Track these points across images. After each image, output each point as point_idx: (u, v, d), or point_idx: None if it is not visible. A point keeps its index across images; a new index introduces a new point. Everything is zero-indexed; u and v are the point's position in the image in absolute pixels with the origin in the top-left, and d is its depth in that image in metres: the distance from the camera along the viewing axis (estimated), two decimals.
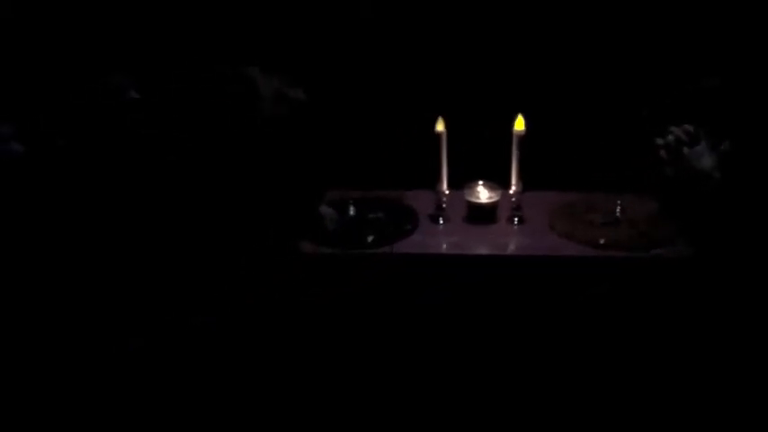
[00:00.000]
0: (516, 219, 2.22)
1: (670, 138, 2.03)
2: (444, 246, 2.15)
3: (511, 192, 2.20)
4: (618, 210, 2.21)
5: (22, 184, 2.02)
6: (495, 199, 2.22)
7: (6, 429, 1.99)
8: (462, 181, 2.24)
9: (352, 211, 2.27)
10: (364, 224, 2.21)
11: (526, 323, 2.10)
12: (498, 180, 2.23)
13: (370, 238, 2.14)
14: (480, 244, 2.14)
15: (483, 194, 2.24)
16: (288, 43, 2.36)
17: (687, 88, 2.24)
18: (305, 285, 2.09)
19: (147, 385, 2.05)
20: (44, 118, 2.07)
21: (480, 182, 2.25)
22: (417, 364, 2.10)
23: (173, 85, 2.15)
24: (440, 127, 2.15)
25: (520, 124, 2.12)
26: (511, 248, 2.13)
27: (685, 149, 2.01)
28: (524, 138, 2.12)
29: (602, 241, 2.09)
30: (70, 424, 2.00)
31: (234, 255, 2.13)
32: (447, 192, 2.21)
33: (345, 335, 2.11)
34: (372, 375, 2.10)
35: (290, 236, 2.13)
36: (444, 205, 2.23)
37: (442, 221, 2.23)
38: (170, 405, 2.04)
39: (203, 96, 2.14)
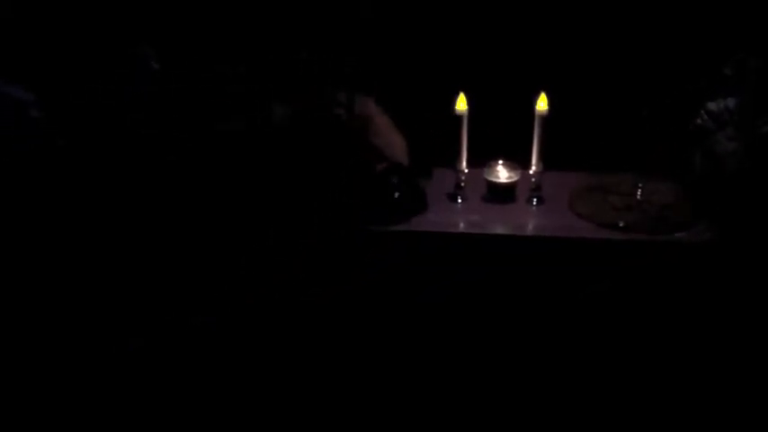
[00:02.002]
0: (535, 199, 2.19)
1: (699, 120, 2.05)
2: (462, 225, 2.13)
3: (531, 172, 2.17)
4: (638, 192, 2.17)
5: (23, 184, 2.02)
6: (514, 179, 2.20)
7: (6, 429, 1.99)
8: (482, 160, 2.21)
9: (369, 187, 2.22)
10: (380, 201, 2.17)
11: (527, 322, 2.09)
12: (518, 159, 2.20)
13: (384, 215, 2.11)
14: (498, 224, 2.12)
15: (502, 174, 2.22)
16: (317, 14, 2.34)
17: (687, 88, 2.23)
18: (305, 285, 2.08)
19: (147, 385, 2.05)
20: (46, 117, 2.07)
21: (500, 161, 2.23)
22: (417, 364, 2.09)
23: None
24: (461, 105, 2.12)
25: (543, 103, 2.09)
26: (529, 229, 2.11)
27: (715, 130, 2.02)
28: (547, 117, 2.09)
29: (621, 224, 2.06)
30: (70, 424, 2.00)
31: (234, 255, 2.13)
32: (466, 170, 2.19)
33: (345, 335, 2.10)
34: (372, 375, 2.09)
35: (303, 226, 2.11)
36: (463, 184, 2.20)
37: (460, 200, 2.21)
38: (170, 405, 2.04)
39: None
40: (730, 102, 2.08)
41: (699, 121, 2.12)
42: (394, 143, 2.21)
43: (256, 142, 2.14)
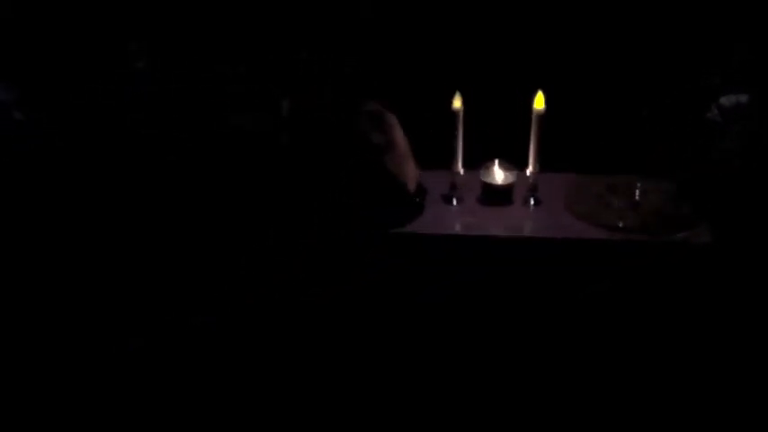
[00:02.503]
0: (532, 200, 2.15)
1: (709, 115, 2.03)
2: (458, 227, 2.09)
3: (527, 173, 2.12)
4: (637, 193, 2.12)
5: (23, 184, 2.02)
6: (510, 180, 2.15)
7: (6, 429, 1.99)
8: (477, 160, 2.16)
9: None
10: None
11: (528, 322, 2.08)
12: (513, 160, 2.15)
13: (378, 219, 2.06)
14: (495, 225, 2.08)
15: (498, 175, 2.17)
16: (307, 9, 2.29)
17: (687, 87, 2.21)
18: (305, 285, 2.08)
19: (147, 385, 2.05)
20: (46, 117, 2.08)
21: (496, 162, 2.18)
22: (417, 364, 2.09)
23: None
24: (457, 104, 2.06)
25: (539, 102, 2.04)
26: (526, 230, 2.08)
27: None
28: (543, 116, 2.03)
29: (620, 224, 2.02)
30: (70, 424, 2.00)
31: (234, 255, 2.13)
32: (462, 172, 2.14)
33: (345, 335, 2.10)
34: (372, 375, 2.09)
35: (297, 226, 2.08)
36: (458, 186, 2.16)
37: (455, 202, 2.16)
38: (170, 405, 2.04)
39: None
40: (742, 98, 2.04)
41: (708, 115, 2.09)
42: (408, 173, 2.14)
43: (260, 141, 2.12)
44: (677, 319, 2.02)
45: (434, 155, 2.18)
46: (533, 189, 2.15)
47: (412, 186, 2.14)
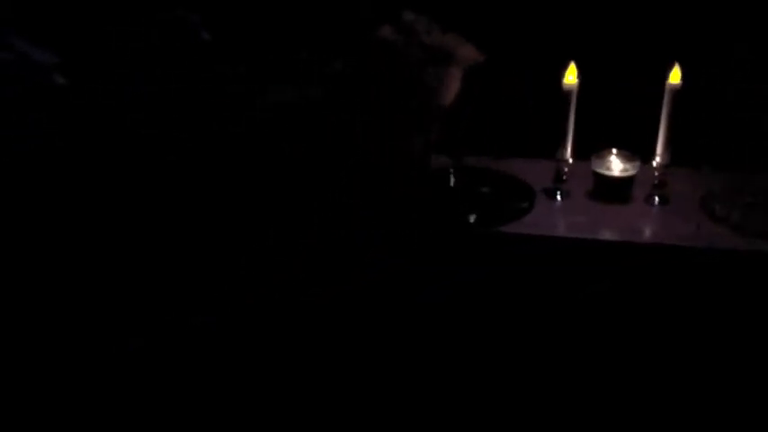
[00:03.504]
0: (657, 198, 1.84)
1: None
2: (562, 227, 1.82)
3: (654, 164, 1.82)
4: None
5: (22, 184, 2.02)
6: (631, 172, 1.85)
7: (6, 429, 1.99)
8: (588, 148, 1.87)
9: (452, 183, 1.92)
10: (466, 199, 1.89)
11: (528, 322, 2.08)
12: (636, 149, 1.84)
13: (472, 218, 1.86)
14: (609, 227, 1.78)
15: (616, 166, 1.86)
16: None
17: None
18: (305, 285, 2.08)
19: (147, 385, 2.05)
20: (46, 117, 2.08)
21: (614, 150, 1.89)
22: (417, 364, 2.08)
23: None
24: (570, 78, 1.75)
25: (675, 76, 1.70)
26: (649, 235, 1.77)
27: None
28: (679, 93, 1.69)
29: None
30: (70, 424, 2.00)
31: (234, 255, 2.13)
32: (570, 161, 1.86)
33: (345, 335, 2.10)
34: (372, 375, 2.08)
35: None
36: (565, 177, 1.88)
37: (560, 197, 1.88)
38: (170, 405, 2.04)
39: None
40: None
41: None
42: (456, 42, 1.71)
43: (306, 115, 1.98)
44: (680, 319, 2.02)
45: (536, 139, 1.91)
46: (661, 185, 1.84)
47: (472, 53, 1.68)
